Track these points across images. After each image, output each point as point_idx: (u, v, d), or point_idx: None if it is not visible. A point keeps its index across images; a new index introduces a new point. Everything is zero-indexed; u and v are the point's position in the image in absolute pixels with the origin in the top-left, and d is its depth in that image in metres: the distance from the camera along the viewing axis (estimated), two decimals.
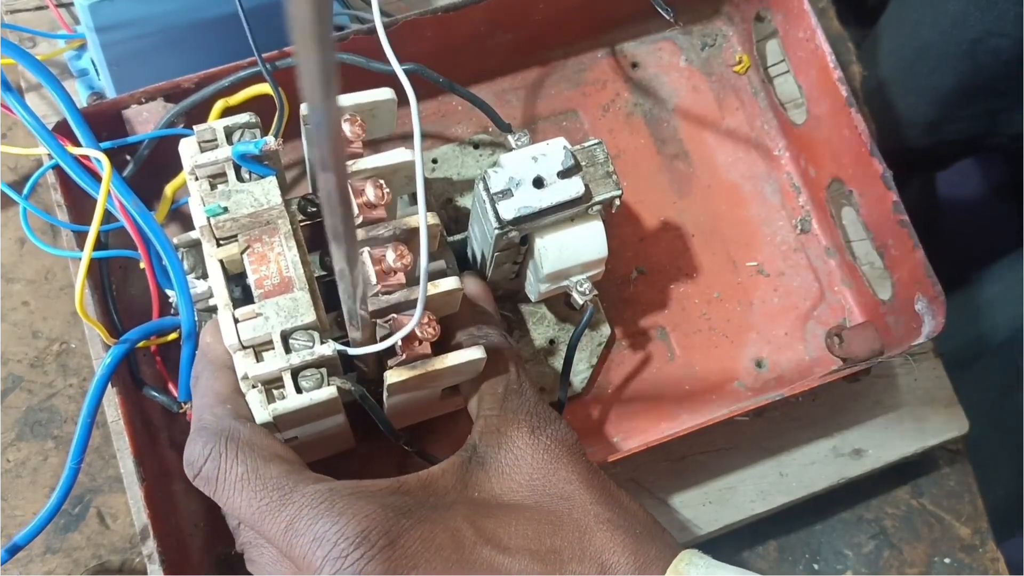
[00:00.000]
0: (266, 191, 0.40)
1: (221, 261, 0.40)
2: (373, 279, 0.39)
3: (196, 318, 0.43)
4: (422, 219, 0.38)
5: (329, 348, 0.38)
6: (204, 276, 0.43)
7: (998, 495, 0.67)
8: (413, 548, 0.35)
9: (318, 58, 0.22)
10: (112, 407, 0.47)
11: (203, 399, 0.40)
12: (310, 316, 0.39)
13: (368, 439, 0.47)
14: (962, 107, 0.85)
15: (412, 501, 0.37)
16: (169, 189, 0.49)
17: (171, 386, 0.48)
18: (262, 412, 0.39)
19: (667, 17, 0.52)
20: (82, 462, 0.42)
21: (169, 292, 0.44)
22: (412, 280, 0.40)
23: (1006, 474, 0.78)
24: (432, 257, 0.44)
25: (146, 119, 0.48)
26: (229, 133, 0.41)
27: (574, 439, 0.41)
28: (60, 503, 0.41)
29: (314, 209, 0.45)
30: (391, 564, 0.34)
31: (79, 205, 0.47)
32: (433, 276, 0.41)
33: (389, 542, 0.34)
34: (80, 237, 0.47)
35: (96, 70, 0.53)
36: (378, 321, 0.40)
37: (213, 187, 0.40)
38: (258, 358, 0.39)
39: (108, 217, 0.44)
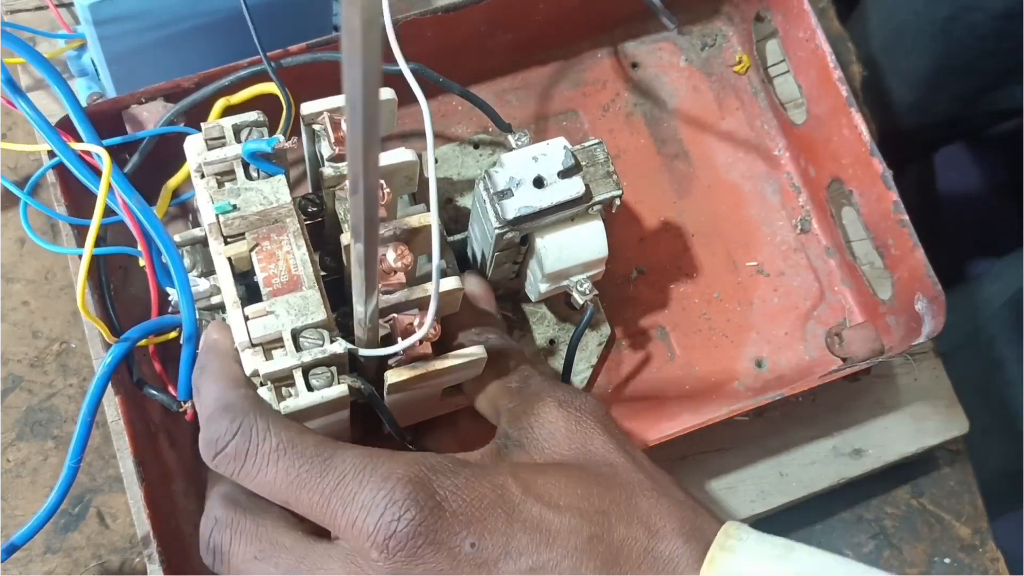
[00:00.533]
0: (275, 189, 0.40)
1: (229, 259, 0.40)
2: None
3: (197, 317, 0.43)
4: (434, 222, 0.38)
5: (340, 346, 0.38)
6: (204, 274, 0.43)
7: (999, 496, 0.67)
8: (462, 508, 0.35)
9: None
10: (112, 407, 0.47)
11: (218, 383, 0.39)
12: (321, 314, 0.39)
13: (366, 438, 0.47)
14: (940, 89, 0.84)
15: (454, 463, 0.36)
16: (170, 184, 0.49)
17: (170, 387, 0.47)
18: None
19: (671, 27, 0.52)
20: (81, 461, 0.41)
21: (169, 290, 0.44)
22: (412, 280, 0.40)
23: (1007, 475, 0.78)
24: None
25: (146, 119, 0.48)
26: (237, 131, 0.41)
27: (603, 411, 0.41)
28: (58, 502, 0.41)
29: (315, 208, 0.45)
30: (440, 524, 0.34)
31: (79, 204, 0.47)
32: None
33: (437, 503, 0.34)
34: (80, 236, 0.47)
35: (96, 69, 0.53)
36: (379, 321, 0.40)
37: (220, 185, 0.40)
38: (267, 356, 0.39)
39: (108, 213, 0.44)
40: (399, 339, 0.39)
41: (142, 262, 0.44)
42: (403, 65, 0.40)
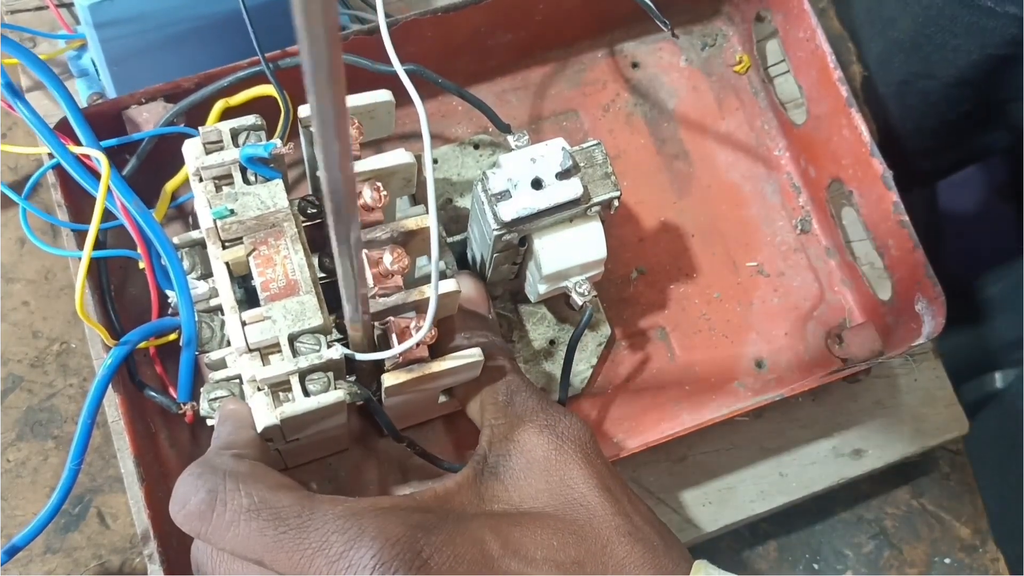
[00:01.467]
0: (273, 194, 0.40)
1: (227, 264, 0.40)
2: (370, 282, 0.39)
3: (196, 319, 0.43)
4: (433, 224, 0.38)
5: (336, 352, 0.38)
6: (204, 276, 0.43)
7: (999, 496, 0.67)
8: (446, 565, 0.35)
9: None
10: (112, 407, 0.47)
11: (212, 445, 0.39)
12: (317, 320, 0.39)
13: (364, 439, 0.47)
14: (892, 144, 0.83)
15: (435, 518, 0.37)
16: (168, 187, 0.49)
17: (170, 388, 0.48)
18: (269, 415, 0.38)
19: (664, 29, 0.52)
20: (82, 464, 0.42)
21: (169, 292, 0.44)
22: (409, 282, 0.40)
23: (1007, 475, 0.77)
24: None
25: (146, 119, 0.48)
26: (235, 135, 0.41)
27: (587, 436, 0.41)
28: (59, 505, 0.41)
29: (314, 210, 0.45)
30: None
31: (79, 205, 0.47)
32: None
33: (423, 562, 0.35)
34: (80, 237, 0.47)
35: (96, 70, 0.53)
36: (375, 323, 0.40)
37: (218, 189, 0.40)
38: (264, 361, 0.39)
39: (108, 216, 0.44)
40: (396, 342, 0.39)
41: (142, 265, 0.44)
42: (398, 67, 0.40)
